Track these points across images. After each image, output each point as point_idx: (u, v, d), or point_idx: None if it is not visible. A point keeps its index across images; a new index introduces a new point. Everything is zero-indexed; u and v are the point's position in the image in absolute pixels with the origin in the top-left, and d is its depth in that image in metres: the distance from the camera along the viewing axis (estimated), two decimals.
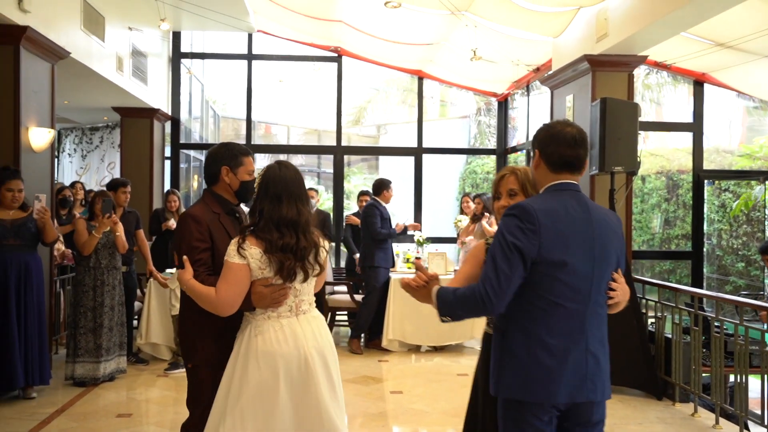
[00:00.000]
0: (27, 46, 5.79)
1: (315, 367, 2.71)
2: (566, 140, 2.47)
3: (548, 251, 2.34)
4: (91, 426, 4.80)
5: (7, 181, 5.34)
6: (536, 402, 2.37)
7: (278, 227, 2.70)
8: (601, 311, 2.45)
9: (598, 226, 2.43)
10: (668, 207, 11.84)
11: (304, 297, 2.80)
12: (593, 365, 2.39)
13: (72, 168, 11.85)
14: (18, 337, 5.28)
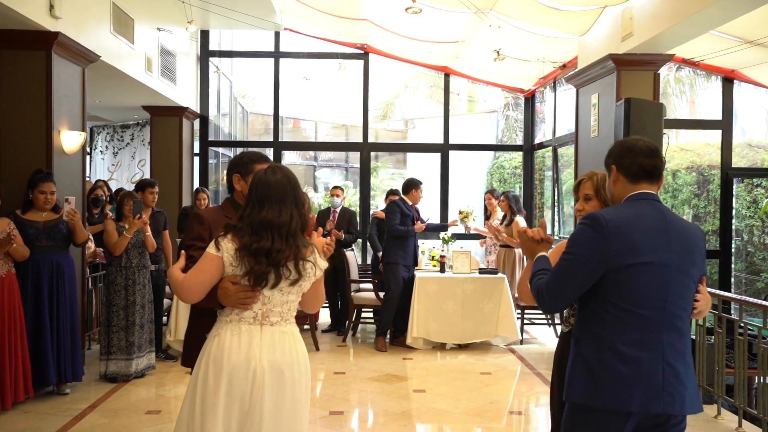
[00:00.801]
0: (58, 51, 5.93)
1: (263, 383, 2.61)
2: (642, 151, 2.52)
3: (618, 258, 2.37)
4: (121, 422, 4.94)
5: (40, 183, 5.50)
6: (605, 409, 2.37)
7: (256, 230, 2.62)
8: (680, 323, 2.42)
9: (676, 236, 2.43)
10: (698, 203, 11.70)
11: (274, 308, 2.67)
12: (671, 376, 2.37)
13: (104, 165, 12.07)
14: (51, 335, 5.45)
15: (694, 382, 2.43)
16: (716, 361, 5.33)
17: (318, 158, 15.98)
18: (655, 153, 2.52)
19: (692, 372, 2.44)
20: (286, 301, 2.69)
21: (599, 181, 2.89)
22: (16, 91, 5.83)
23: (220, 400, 2.58)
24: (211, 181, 11.39)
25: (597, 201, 2.86)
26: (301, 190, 2.75)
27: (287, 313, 2.71)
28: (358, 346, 7.77)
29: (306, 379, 2.73)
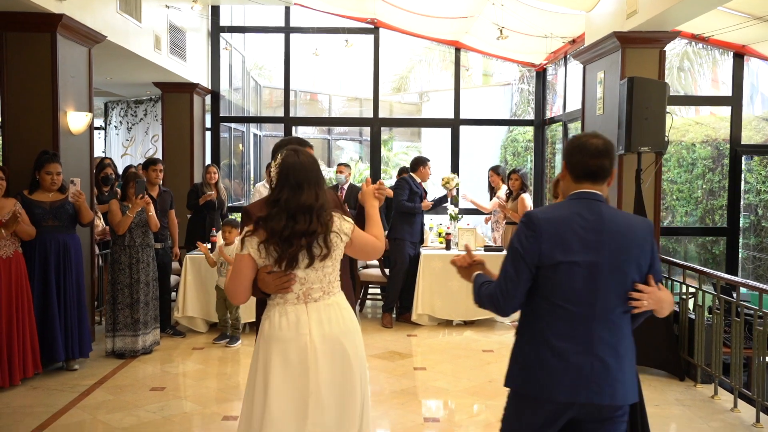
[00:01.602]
0: (63, 33, 5.99)
1: (316, 356, 2.74)
2: (590, 151, 2.55)
3: (548, 256, 2.47)
4: (126, 399, 5.08)
5: (46, 164, 5.60)
6: (535, 397, 2.49)
7: (292, 214, 2.72)
8: (614, 318, 2.47)
9: (611, 236, 2.48)
10: (713, 177, 11.58)
11: (313, 285, 2.78)
12: (600, 369, 2.44)
13: (118, 140, 12.19)
14: (58, 313, 5.59)
15: (628, 374, 2.49)
16: (714, 341, 5.35)
17: (332, 131, 16.00)
18: (603, 153, 2.54)
19: (626, 365, 2.49)
20: (324, 275, 2.81)
21: None
22: (22, 73, 5.91)
23: (278, 375, 2.75)
24: (224, 156, 11.47)
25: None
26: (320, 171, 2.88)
27: (328, 285, 2.83)
28: (365, 322, 7.86)
29: (359, 342, 2.89)
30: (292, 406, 2.75)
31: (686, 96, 9.69)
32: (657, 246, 2.58)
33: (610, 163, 2.55)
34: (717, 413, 4.98)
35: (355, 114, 15.75)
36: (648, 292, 2.48)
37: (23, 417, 4.67)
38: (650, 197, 6.35)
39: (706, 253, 11.50)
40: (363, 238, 2.91)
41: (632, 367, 2.53)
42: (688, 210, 11.64)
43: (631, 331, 2.55)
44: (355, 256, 2.97)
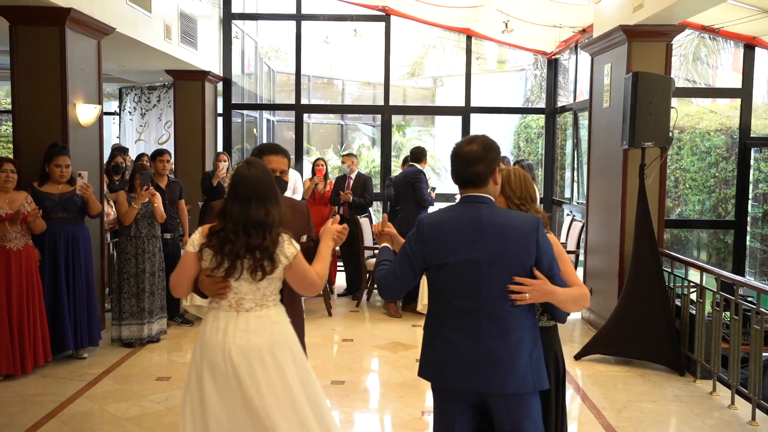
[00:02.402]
0: (72, 26, 6.06)
1: (239, 364, 2.79)
2: (462, 160, 2.71)
3: (432, 257, 2.68)
4: (132, 389, 5.21)
5: (55, 157, 5.70)
6: (439, 386, 2.74)
7: (234, 224, 2.79)
8: (502, 312, 2.62)
9: (489, 235, 2.62)
10: (726, 165, 11.49)
11: (245, 296, 2.85)
12: (488, 360, 2.61)
13: (132, 126, 12.31)
14: (68, 304, 5.73)
15: (521, 364, 2.61)
16: (713, 338, 5.37)
17: (345, 116, 16.01)
18: (476, 160, 2.67)
19: (520, 356, 2.62)
20: (257, 288, 2.86)
21: (503, 178, 2.94)
22: (32, 66, 6.00)
23: (205, 378, 2.83)
24: (236, 141, 11.54)
25: (502, 197, 2.94)
26: (273, 184, 2.91)
27: (261, 299, 2.88)
28: (372, 311, 7.95)
29: (290, 354, 2.89)
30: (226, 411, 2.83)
31: (695, 88, 9.61)
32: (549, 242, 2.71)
33: (485, 167, 2.68)
34: (714, 410, 5.01)
35: (369, 97, 15.74)
36: (530, 285, 2.60)
37: (31, 406, 4.81)
38: (654, 192, 6.34)
39: (718, 242, 11.44)
40: (302, 269, 2.91)
41: (528, 357, 2.63)
42: (701, 199, 11.58)
43: (530, 324, 2.68)
44: (290, 283, 2.95)
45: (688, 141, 11.78)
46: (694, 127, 11.72)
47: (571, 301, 2.71)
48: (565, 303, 2.71)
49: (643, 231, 5.92)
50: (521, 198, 2.96)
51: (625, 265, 6.27)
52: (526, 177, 3.03)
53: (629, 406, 5.05)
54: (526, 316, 2.66)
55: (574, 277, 2.83)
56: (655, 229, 6.03)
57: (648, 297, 5.84)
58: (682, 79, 11.01)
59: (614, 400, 5.17)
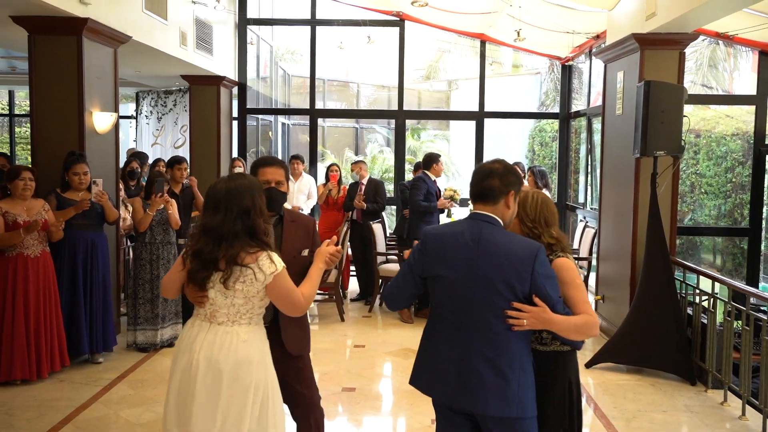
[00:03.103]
0: (89, 36, 6.15)
1: (197, 376, 2.79)
2: (480, 173, 2.78)
3: (430, 268, 2.76)
4: (146, 394, 5.29)
5: (73, 165, 5.79)
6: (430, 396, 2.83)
7: (200, 233, 2.84)
8: (489, 334, 2.64)
9: (485, 255, 2.65)
10: (742, 171, 11.42)
11: (219, 309, 2.83)
12: (474, 380, 2.64)
13: (149, 130, 12.44)
14: (84, 309, 5.83)
15: (505, 389, 2.62)
16: (724, 348, 5.36)
17: (359, 120, 16.08)
18: (493, 174, 2.73)
19: (504, 379, 2.62)
20: (232, 304, 2.83)
21: (520, 198, 2.93)
22: (50, 75, 6.11)
23: (173, 381, 2.90)
24: (251, 145, 11.63)
25: (516, 218, 2.92)
26: (253, 198, 2.85)
27: (235, 315, 2.85)
28: (384, 316, 7.98)
29: (244, 380, 2.82)
30: (175, 419, 2.87)
31: (709, 95, 9.55)
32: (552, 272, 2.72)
33: (500, 184, 2.72)
34: (724, 421, 5.01)
35: (384, 99, 15.78)
36: (527, 311, 2.60)
37: (47, 411, 4.89)
38: (667, 200, 6.33)
39: (734, 247, 11.38)
40: (285, 289, 2.85)
41: (517, 383, 2.63)
42: (717, 204, 11.52)
43: (522, 350, 2.67)
44: (274, 303, 2.92)
45: (704, 145, 11.72)
46: (710, 131, 11.66)
47: (573, 329, 2.70)
48: (566, 332, 2.70)
49: (654, 239, 5.92)
50: (534, 221, 2.94)
51: (637, 272, 6.26)
52: (545, 201, 2.99)
53: (639, 416, 5.05)
54: (519, 341, 2.67)
55: (583, 305, 2.78)
56: (667, 237, 6.02)
57: (659, 305, 5.84)
58: (698, 84, 10.96)
59: (624, 409, 5.18)
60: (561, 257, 2.88)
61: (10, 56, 10.14)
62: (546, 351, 2.92)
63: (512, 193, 2.74)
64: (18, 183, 5.43)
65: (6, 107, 16.06)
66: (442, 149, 16.53)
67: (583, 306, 2.77)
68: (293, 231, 3.34)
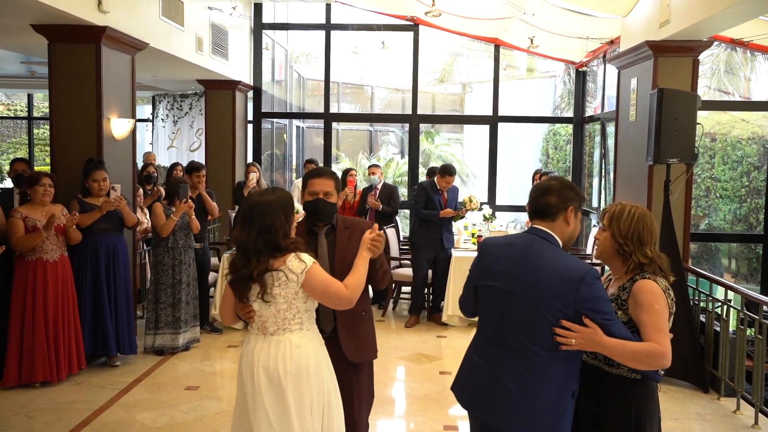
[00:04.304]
0: (107, 44, 6.24)
1: (260, 386, 2.86)
2: (537, 190, 2.76)
3: (479, 277, 2.79)
4: (162, 398, 5.36)
5: (92, 172, 5.90)
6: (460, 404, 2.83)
7: (237, 247, 2.92)
8: (525, 352, 2.57)
9: (530, 270, 2.60)
10: (758, 175, 11.38)
11: (267, 319, 2.89)
12: (503, 396, 2.60)
13: (165, 133, 12.57)
14: (109, 312, 5.95)
15: (530, 409, 2.56)
16: (737, 356, 5.36)
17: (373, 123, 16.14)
18: (550, 192, 2.70)
19: (532, 398, 2.56)
20: (278, 311, 2.88)
21: (616, 214, 2.82)
22: (69, 82, 6.20)
23: (239, 394, 3.00)
24: (266, 147, 11.71)
25: (608, 231, 2.80)
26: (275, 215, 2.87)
27: (283, 322, 2.89)
28: (398, 320, 8.03)
29: (306, 383, 2.88)
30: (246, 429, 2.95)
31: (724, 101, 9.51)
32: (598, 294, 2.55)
33: (558, 200, 2.68)
34: (737, 429, 5.01)
35: (398, 102, 15.84)
36: (577, 331, 2.51)
37: (65, 413, 4.98)
38: (680, 207, 6.34)
39: (749, 252, 11.34)
40: (321, 283, 2.89)
41: (548, 407, 2.55)
42: (732, 208, 11.48)
43: (560, 374, 2.57)
44: (319, 300, 2.96)
45: (719, 149, 11.69)
46: (726, 135, 11.62)
47: (631, 357, 2.53)
48: (623, 358, 2.55)
49: (667, 247, 5.91)
50: (626, 237, 2.73)
51: None
52: (642, 217, 2.77)
53: None
54: (558, 363, 2.57)
55: (653, 333, 2.57)
56: (680, 244, 6.03)
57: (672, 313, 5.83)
58: (714, 90, 10.92)
59: None
60: (646, 278, 2.68)
61: (29, 61, 10.27)
62: (611, 373, 2.71)
63: (571, 209, 2.68)
64: (38, 189, 5.53)
65: (25, 110, 16.28)
66: (456, 153, 16.57)
67: (653, 334, 2.57)
68: (347, 237, 3.34)
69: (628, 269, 2.75)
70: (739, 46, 7.74)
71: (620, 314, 2.68)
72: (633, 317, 2.66)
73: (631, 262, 2.73)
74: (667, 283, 2.71)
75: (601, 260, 2.95)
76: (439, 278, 7.78)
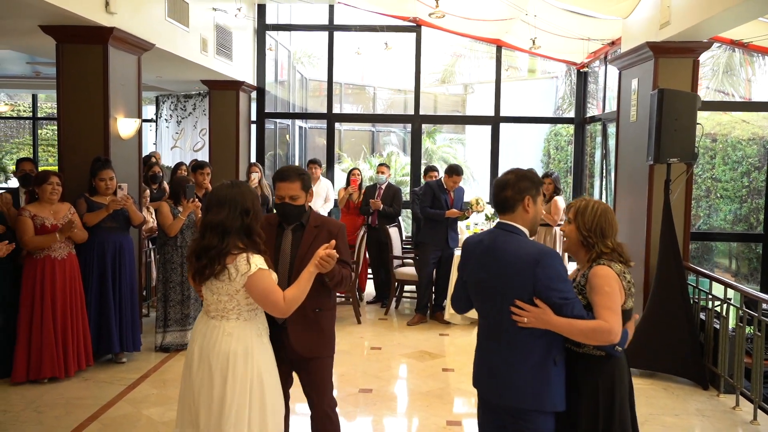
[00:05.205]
0: (114, 44, 6.32)
1: (192, 360, 3.07)
2: (496, 186, 3.01)
3: (463, 274, 3.08)
4: (168, 393, 5.44)
5: (99, 171, 5.98)
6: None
7: (207, 230, 2.99)
8: (507, 335, 2.85)
9: (496, 261, 2.88)
10: (758, 176, 11.44)
11: (210, 304, 3.06)
12: (497, 373, 2.89)
13: (168, 133, 12.62)
14: (114, 309, 6.02)
15: (517, 380, 2.84)
16: (736, 353, 5.42)
17: (376, 124, 16.20)
18: (504, 187, 2.93)
19: (516, 372, 2.84)
20: (218, 300, 3.03)
21: (581, 209, 3.06)
22: (76, 82, 6.28)
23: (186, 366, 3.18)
24: (269, 147, 11.78)
25: (573, 225, 3.06)
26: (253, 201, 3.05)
27: (223, 311, 3.04)
28: (400, 318, 8.10)
29: (231, 367, 2.99)
30: (186, 408, 3.14)
31: (724, 102, 9.58)
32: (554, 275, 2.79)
33: (513, 193, 2.91)
34: (736, 425, 5.08)
35: (401, 103, 15.88)
36: (528, 311, 2.77)
37: (74, 408, 5.06)
38: (680, 206, 6.40)
39: (749, 252, 11.41)
40: (263, 289, 2.97)
41: (532, 376, 2.82)
42: (732, 208, 11.54)
43: (540, 347, 2.82)
44: (256, 302, 3.04)
45: (720, 150, 11.75)
46: (726, 136, 11.68)
47: (578, 333, 2.76)
48: (572, 335, 2.78)
49: (667, 245, 6.00)
50: (589, 230, 2.99)
51: (650, 278, 6.33)
52: (605, 212, 3.03)
53: (651, 419, 5.13)
54: (536, 339, 2.81)
55: (602, 311, 2.81)
56: (680, 243, 6.09)
57: (672, 311, 5.91)
58: (714, 90, 10.98)
59: (637, 413, 5.24)
60: (601, 264, 2.93)
61: (34, 62, 10.35)
62: (578, 352, 2.95)
63: (528, 198, 2.90)
64: (46, 187, 5.61)
65: (28, 110, 16.37)
66: (458, 153, 16.62)
67: (602, 312, 2.80)
68: (313, 236, 3.39)
69: (590, 258, 3.01)
70: (739, 47, 7.80)
71: (581, 298, 2.91)
72: (589, 299, 2.91)
73: (593, 252, 2.99)
74: (624, 268, 2.98)
75: (568, 252, 3.19)
76: (442, 277, 7.85)
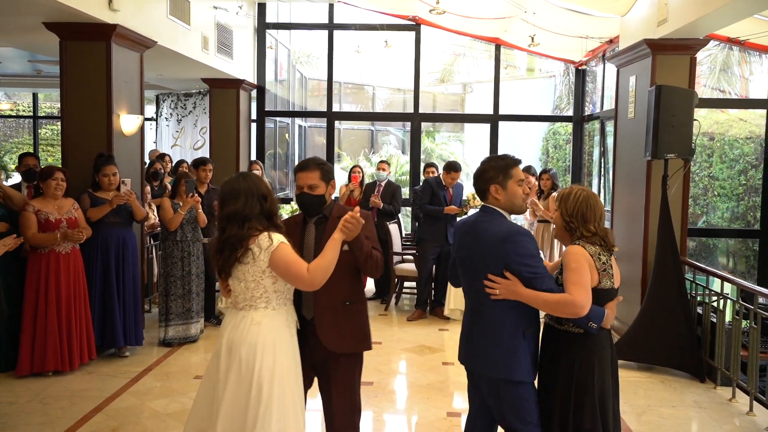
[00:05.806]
0: (117, 41, 6.38)
1: (220, 356, 3.04)
2: (473, 176, 3.25)
3: (453, 251, 3.36)
4: (171, 386, 5.50)
5: (102, 167, 6.04)
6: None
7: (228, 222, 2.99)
8: (483, 308, 3.10)
9: (474, 240, 3.13)
10: (755, 174, 11.51)
11: (239, 295, 3.04)
12: (475, 344, 3.16)
13: (169, 131, 12.69)
14: (118, 304, 6.08)
15: (491, 351, 3.09)
16: (733, 345, 5.49)
17: (375, 122, 16.27)
18: (475, 178, 3.21)
19: (491, 343, 3.08)
20: (246, 288, 3.02)
21: (564, 196, 3.25)
22: (80, 79, 6.34)
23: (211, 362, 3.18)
24: (269, 146, 11.84)
25: (558, 212, 3.25)
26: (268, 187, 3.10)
27: (251, 300, 3.03)
28: (400, 314, 8.17)
29: (263, 358, 2.96)
30: (206, 400, 3.09)
31: (721, 99, 9.65)
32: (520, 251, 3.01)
33: (480, 183, 3.18)
34: (732, 416, 5.15)
35: (400, 102, 15.96)
36: (499, 283, 3.01)
37: (79, 400, 5.12)
38: (678, 202, 6.47)
39: (746, 250, 11.48)
40: (285, 262, 2.95)
41: (505, 347, 3.05)
42: (730, 206, 11.61)
43: (512, 320, 3.04)
44: (283, 279, 3.02)
45: (717, 148, 11.82)
46: (724, 134, 11.76)
47: (544, 305, 2.99)
48: (538, 305, 3.03)
49: (665, 240, 6.07)
50: (571, 216, 3.17)
51: (648, 273, 6.41)
52: (587, 198, 3.17)
53: (649, 411, 5.20)
54: (509, 313, 3.05)
55: (570, 286, 2.97)
56: (678, 238, 6.16)
57: (670, 305, 5.98)
58: (710, 88, 11.06)
59: (635, 405, 5.33)
60: (575, 245, 3.12)
61: (35, 60, 10.40)
62: (559, 329, 3.16)
63: (494, 187, 3.13)
64: (50, 182, 5.66)
65: (28, 109, 16.41)
66: (457, 151, 16.69)
67: (568, 286, 2.98)
68: (335, 226, 3.22)
69: (572, 243, 3.18)
70: (736, 44, 7.88)
71: (560, 278, 3.12)
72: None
73: (575, 237, 3.17)
74: (600, 250, 3.12)
75: (557, 239, 3.41)
76: (441, 273, 7.91)
